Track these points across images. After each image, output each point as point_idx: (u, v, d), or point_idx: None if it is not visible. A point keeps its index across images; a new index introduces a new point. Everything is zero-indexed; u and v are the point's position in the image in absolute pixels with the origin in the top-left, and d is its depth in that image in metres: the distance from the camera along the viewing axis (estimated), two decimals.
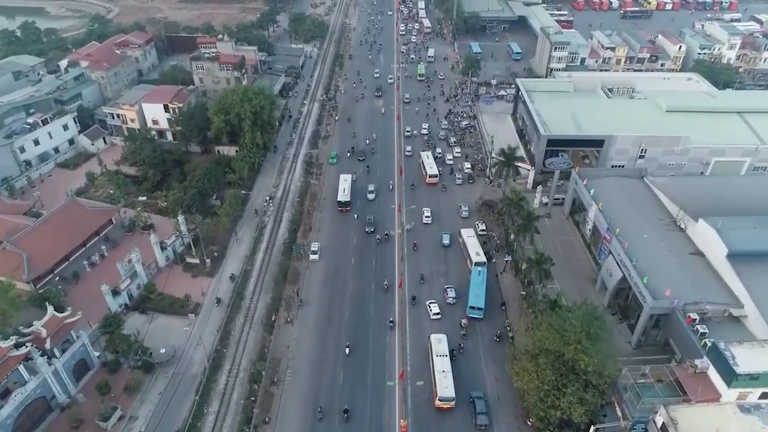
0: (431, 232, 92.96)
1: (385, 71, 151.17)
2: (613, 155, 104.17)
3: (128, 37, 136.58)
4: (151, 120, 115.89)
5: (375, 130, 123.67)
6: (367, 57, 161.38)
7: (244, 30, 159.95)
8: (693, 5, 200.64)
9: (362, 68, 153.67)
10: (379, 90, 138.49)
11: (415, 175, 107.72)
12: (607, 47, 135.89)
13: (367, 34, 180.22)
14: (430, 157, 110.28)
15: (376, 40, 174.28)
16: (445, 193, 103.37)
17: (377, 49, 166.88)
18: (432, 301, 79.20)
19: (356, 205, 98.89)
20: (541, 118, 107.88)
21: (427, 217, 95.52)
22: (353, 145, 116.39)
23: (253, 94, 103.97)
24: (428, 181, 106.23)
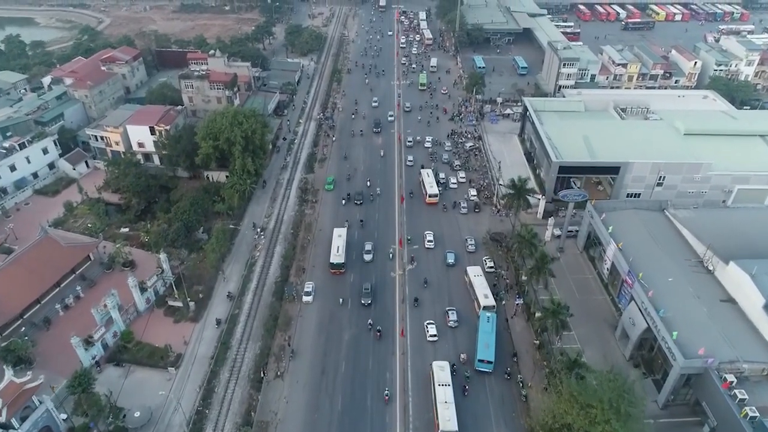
0: (434, 258, 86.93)
1: (384, 100, 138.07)
2: (629, 182, 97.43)
3: (115, 53, 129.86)
4: (137, 143, 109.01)
5: (372, 173, 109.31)
6: (363, 81, 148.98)
7: (238, 43, 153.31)
8: (703, 16, 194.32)
9: (359, 94, 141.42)
10: (378, 126, 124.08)
11: (417, 203, 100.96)
12: (619, 63, 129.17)
13: (365, 55, 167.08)
14: (430, 175, 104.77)
15: (375, 64, 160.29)
16: (449, 222, 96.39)
17: (376, 73, 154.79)
18: (430, 322, 75.81)
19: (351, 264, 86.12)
20: (552, 142, 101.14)
21: (429, 241, 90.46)
22: (349, 192, 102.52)
23: (244, 118, 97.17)
24: (428, 201, 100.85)
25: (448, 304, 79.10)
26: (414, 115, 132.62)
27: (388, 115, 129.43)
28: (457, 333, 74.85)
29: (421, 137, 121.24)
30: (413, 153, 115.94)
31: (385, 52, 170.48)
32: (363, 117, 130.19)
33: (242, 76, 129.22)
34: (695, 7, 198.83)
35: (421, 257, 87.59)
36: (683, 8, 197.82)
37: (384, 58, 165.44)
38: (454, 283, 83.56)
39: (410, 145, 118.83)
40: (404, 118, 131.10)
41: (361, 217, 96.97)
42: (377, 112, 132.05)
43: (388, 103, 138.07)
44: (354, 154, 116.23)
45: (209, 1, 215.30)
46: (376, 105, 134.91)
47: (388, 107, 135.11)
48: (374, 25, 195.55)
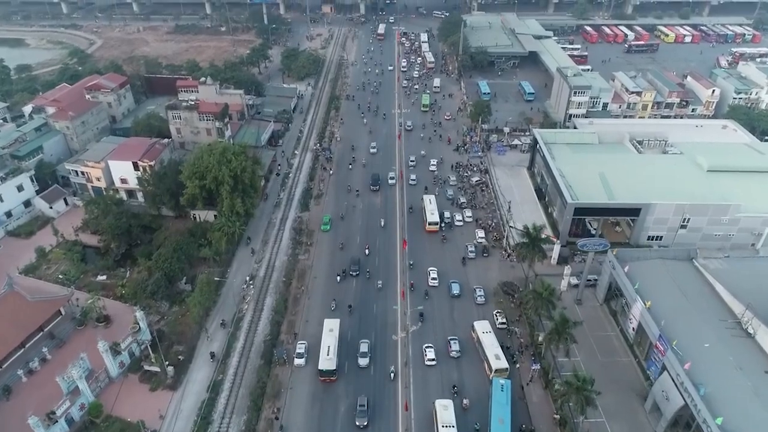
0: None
1: (385, 151, 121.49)
2: (650, 224, 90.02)
3: (100, 80, 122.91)
4: (119, 179, 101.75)
5: (371, 236, 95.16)
6: (361, 121, 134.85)
7: (232, 68, 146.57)
8: (713, 38, 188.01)
9: (357, 137, 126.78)
10: (377, 183, 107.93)
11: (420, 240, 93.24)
12: (633, 91, 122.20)
13: (362, 89, 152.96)
14: (432, 201, 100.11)
15: (376, 104, 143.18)
16: (452, 260, 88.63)
17: (374, 111, 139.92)
18: (429, 345, 73.54)
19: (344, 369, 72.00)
20: (565, 179, 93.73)
21: (433, 278, 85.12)
22: (343, 267, 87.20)
23: (233, 155, 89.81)
24: (428, 229, 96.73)
25: (451, 334, 75.51)
26: (416, 133, 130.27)
27: (389, 178, 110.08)
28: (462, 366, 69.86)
29: (424, 163, 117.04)
30: (416, 173, 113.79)
31: (386, 88, 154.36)
32: (363, 165, 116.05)
33: (235, 105, 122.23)
34: (705, 29, 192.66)
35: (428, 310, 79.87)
36: (693, 30, 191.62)
37: (384, 96, 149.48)
38: (459, 314, 79.36)
39: (413, 164, 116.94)
40: (405, 140, 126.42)
41: (355, 298, 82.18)
42: (376, 162, 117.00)
43: (389, 153, 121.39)
44: (353, 218, 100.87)
45: (205, 22, 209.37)
46: (375, 151, 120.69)
47: (389, 159, 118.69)
48: (373, 55, 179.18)
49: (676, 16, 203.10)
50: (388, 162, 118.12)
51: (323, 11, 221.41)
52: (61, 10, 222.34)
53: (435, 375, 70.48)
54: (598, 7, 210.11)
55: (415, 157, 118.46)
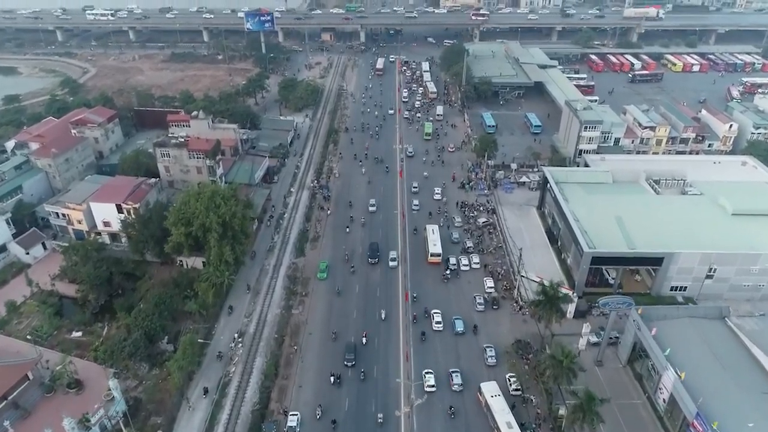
0: None
1: (385, 202, 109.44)
2: (674, 274, 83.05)
3: (87, 114, 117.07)
4: (102, 222, 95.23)
5: (370, 326, 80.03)
6: (359, 170, 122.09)
7: (227, 99, 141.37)
8: (722, 67, 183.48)
9: (354, 193, 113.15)
10: (375, 255, 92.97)
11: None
12: (646, 126, 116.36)
13: (361, 130, 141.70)
14: (435, 232, 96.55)
15: (378, 156, 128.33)
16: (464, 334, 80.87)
17: (374, 160, 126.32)
18: (428, 371, 71.36)
19: None
20: (580, 225, 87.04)
21: (437, 323, 79.80)
22: (339, 373, 72.42)
23: (222, 199, 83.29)
24: (430, 260, 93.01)
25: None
26: (418, 159, 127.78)
27: (390, 258, 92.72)
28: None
29: (428, 189, 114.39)
30: (419, 198, 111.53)
31: (386, 131, 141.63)
32: (361, 224, 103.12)
33: (228, 140, 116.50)
34: (713, 58, 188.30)
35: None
36: (700, 58, 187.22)
37: (384, 142, 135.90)
38: (464, 353, 75.35)
39: (416, 191, 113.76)
40: (407, 165, 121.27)
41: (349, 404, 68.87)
42: (375, 223, 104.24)
43: (390, 212, 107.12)
44: (351, 285, 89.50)
45: (201, 50, 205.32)
46: (374, 209, 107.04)
47: (390, 222, 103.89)
48: (372, 93, 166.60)
49: (683, 44, 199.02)
50: (390, 226, 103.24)
51: (323, 39, 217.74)
52: (57, 37, 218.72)
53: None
54: (603, 36, 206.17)
55: (417, 184, 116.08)
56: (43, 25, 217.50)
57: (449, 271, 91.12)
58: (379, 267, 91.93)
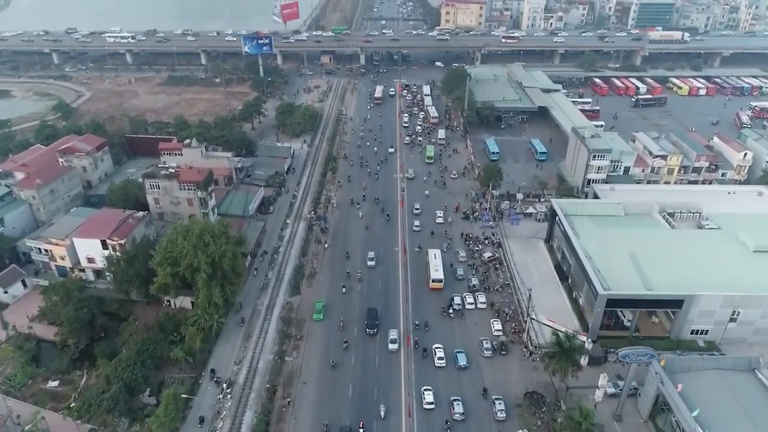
0: None
1: (385, 266, 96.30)
2: (694, 317, 77.67)
3: (75, 143, 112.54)
4: (86, 258, 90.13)
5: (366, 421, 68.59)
6: (356, 213, 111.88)
7: (222, 125, 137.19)
8: (729, 90, 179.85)
9: (351, 241, 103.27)
10: (374, 324, 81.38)
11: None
12: (658, 155, 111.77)
13: (359, 167, 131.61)
14: (438, 256, 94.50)
15: (376, 195, 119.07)
16: (467, 369, 75.59)
17: (373, 202, 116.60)
18: (427, 388, 70.82)
19: None
20: (593, 263, 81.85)
21: (440, 358, 76.39)
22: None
23: (212, 237, 78.12)
24: (432, 286, 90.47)
25: None
26: (419, 180, 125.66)
27: (390, 339, 79.43)
28: None
29: (429, 211, 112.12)
30: (420, 219, 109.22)
31: (387, 172, 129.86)
32: (358, 279, 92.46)
33: (222, 169, 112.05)
34: (720, 81, 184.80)
35: None
36: (707, 82, 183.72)
37: (384, 182, 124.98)
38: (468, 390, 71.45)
39: (417, 212, 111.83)
40: (408, 188, 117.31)
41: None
42: (375, 278, 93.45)
43: (390, 266, 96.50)
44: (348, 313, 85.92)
45: (199, 73, 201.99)
46: (373, 263, 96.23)
47: (391, 286, 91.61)
48: (371, 125, 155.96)
49: (688, 67, 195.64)
50: (390, 286, 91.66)
51: (322, 62, 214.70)
52: (52, 60, 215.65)
53: None
54: (606, 58, 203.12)
55: (419, 205, 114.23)
56: (39, 47, 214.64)
57: (452, 309, 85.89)
58: (378, 343, 79.43)
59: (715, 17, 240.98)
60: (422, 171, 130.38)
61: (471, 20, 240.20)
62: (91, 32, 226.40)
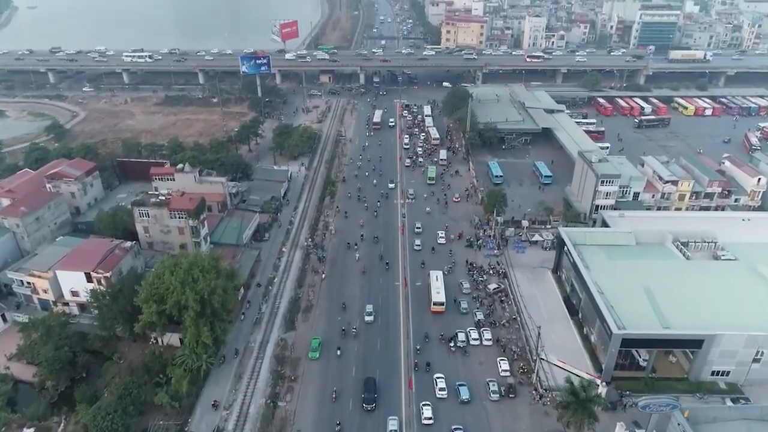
0: None
1: (385, 318, 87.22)
2: (715, 358, 72.83)
3: (64, 168, 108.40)
4: (70, 291, 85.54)
5: None
6: (353, 256, 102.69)
7: (218, 147, 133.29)
8: (736, 111, 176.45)
9: (347, 293, 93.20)
10: (372, 399, 71.45)
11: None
12: (668, 180, 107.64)
13: (356, 201, 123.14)
14: (439, 279, 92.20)
15: (376, 233, 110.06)
16: (471, 410, 70.61)
17: (371, 242, 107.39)
18: (426, 403, 69.80)
19: None
20: (605, 299, 77.28)
21: (441, 389, 73.31)
22: None
23: (201, 272, 73.63)
24: (433, 309, 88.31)
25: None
26: (420, 200, 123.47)
27: (392, 427, 68.58)
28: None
29: (431, 230, 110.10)
30: (421, 238, 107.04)
31: (387, 211, 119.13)
32: (354, 336, 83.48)
33: (215, 195, 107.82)
34: (726, 101, 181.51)
35: None
36: (713, 102, 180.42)
37: (384, 220, 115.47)
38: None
39: (419, 231, 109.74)
40: (409, 210, 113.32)
41: None
42: (373, 334, 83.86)
43: (390, 321, 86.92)
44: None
45: (196, 93, 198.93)
46: (371, 318, 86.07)
47: (393, 347, 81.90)
48: (370, 155, 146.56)
49: (693, 87, 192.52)
50: (392, 347, 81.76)
51: (321, 81, 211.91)
52: (48, 79, 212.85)
53: None
54: (610, 77, 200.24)
55: (420, 224, 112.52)
56: (34, 67, 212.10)
57: (456, 346, 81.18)
58: (377, 422, 69.29)
59: (718, 36, 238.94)
60: (423, 192, 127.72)
61: (472, 39, 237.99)
62: (77, 51, 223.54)
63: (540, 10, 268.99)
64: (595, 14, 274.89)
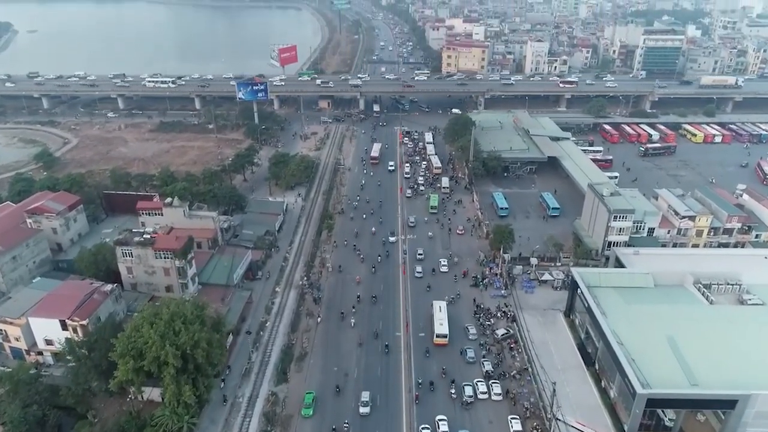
0: None
1: (384, 414, 73.40)
2: (749, 420, 65.90)
3: (45, 202, 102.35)
4: (44, 339, 78.99)
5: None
6: (347, 338, 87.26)
7: (210, 178, 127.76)
8: (746, 138, 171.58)
9: (343, 383, 78.41)
10: None
11: None
12: (685, 216, 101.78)
13: (352, 251, 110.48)
14: (443, 309, 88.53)
15: (373, 293, 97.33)
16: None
17: (367, 312, 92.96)
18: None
19: None
20: (626, 351, 70.72)
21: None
22: None
23: (184, 324, 67.20)
24: (436, 342, 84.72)
25: None
26: (421, 227, 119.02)
27: None
28: None
29: (433, 256, 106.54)
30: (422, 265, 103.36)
31: (388, 268, 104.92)
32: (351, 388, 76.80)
33: (205, 231, 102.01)
34: (735, 128, 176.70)
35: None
36: (722, 129, 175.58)
37: (384, 280, 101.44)
38: None
39: (420, 258, 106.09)
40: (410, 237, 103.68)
41: None
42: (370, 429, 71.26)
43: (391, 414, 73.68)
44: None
45: (192, 119, 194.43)
46: (367, 410, 72.52)
47: None
48: (369, 195, 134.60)
49: (701, 113, 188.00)
50: (392, 419, 72.54)
51: (320, 107, 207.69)
52: (41, 105, 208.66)
53: None
54: (615, 103, 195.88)
55: (423, 250, 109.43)
56: (27, 92, 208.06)
57: (464, 404, 74.29)
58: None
59: (723, 61, 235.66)
60: (425, 222, 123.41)
61: (473, 64, 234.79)
62: (57, 76, 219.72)
63: (541, 35, 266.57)
64: (597, 39, 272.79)
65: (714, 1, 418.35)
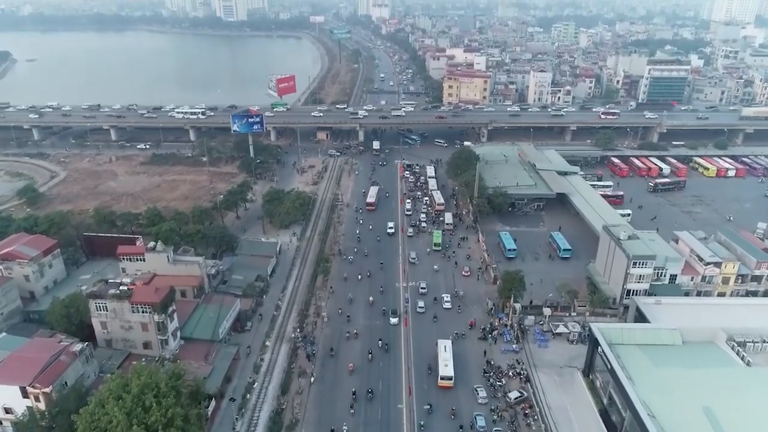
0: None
1: None
2: None
3: (18, 247, 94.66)
4: (2, 408, 70.38)
5: None
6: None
7: (200, 217, 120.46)
8: (761, 171, 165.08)
9: None
10: None
11: None
12: (710, 262, 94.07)
13: (346, 321, 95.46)
14: (448, 349, 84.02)
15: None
16: None
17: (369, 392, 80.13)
18: None
19: None
20: (658, 424, 62.20)
21: None
22: None
23: (156, 398, 58.91)
24: (441, 385, 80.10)
25: None
26: (423, 263, 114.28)
27: None
28: None
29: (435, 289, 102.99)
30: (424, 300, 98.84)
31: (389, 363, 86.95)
32: None
33: (191, 278, 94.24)
34: (749, 161, 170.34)
35: None
36: (735, 162, 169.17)
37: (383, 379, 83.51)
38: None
39: (423, 292, 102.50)
40: (411, 271, 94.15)
41: None
42: None
43: None
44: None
45: (185, 151, 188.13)
46: None
47: None
48: (367, 246, 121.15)
49: (711, 145, 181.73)
50: None
51: (318, 138, 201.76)
52: (32, 135, 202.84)
53: None
54: (623, 135, 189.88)
55: (425, 284, 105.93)
56: (17, 123, 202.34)
57: None
58: None
59: (730, 92, 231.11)
60: (425, 254, 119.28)
61: (475, 94, 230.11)
62: (30, 107, 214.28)
63: (543, 65, 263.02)
64: (600, 69, 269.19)
65: (714, 31, 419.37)
